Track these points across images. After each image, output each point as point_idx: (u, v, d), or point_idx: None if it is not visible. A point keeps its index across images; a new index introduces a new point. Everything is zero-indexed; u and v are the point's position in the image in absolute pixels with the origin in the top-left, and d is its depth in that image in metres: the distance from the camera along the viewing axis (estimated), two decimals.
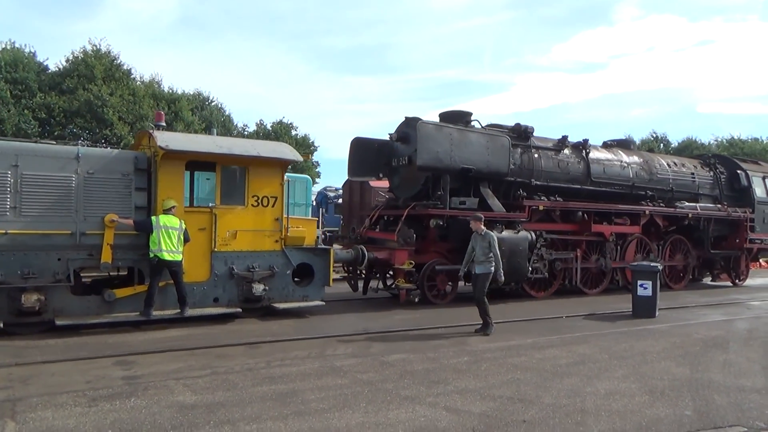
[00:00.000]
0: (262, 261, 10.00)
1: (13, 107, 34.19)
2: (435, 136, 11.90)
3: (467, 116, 13.21)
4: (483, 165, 12.46)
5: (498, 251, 9.32)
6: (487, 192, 12.81)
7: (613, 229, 14.58)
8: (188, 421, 5.01)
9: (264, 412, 5.28)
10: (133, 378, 6.30)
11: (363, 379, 6.44)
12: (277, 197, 10.21)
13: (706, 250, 16.76)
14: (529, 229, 12.92)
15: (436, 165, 11.91)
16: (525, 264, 12.42)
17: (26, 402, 5.43)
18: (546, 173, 13.93)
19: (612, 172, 15.17)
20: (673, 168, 16.80)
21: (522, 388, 6.21)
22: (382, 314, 10.86)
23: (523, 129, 13.85)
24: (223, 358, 7.26)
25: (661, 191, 16.09)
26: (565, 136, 14.67)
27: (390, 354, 7.66)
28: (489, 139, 12.73)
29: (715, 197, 17.54)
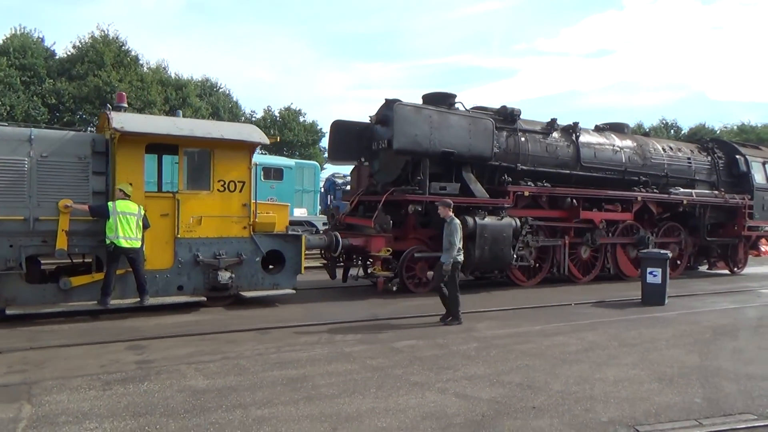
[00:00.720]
0: (229, 248, 9.67)
1: (23, 93, 34.30)
2: (413, 118, 11.41)
3: (451, 98, 12.69)
4: (464, 148, 11.98)
5: (456, 240, 8.82)
6: (470, 177, 12.36)
7: (603, 216, 14.19)
8: (200, 405, 5.08)
9: (275, 397, 5.33)
10: (146, 362, 6.38)
11: (372, 365, 6.48)
12: (245, 182, 9.82)
13: (702, 237, 16.37)
14: (515, 215, 12.54)
15: (414, 148, 11.47)
16: (509, 251, 12.12)
17: (41, 385, 5.52)
18: (533, 157, 13.45)
19: (603, 157, 14.66)
20: (669, 153, 16.26)
21: (531, 375, 6.23)
22: (389, 301, 10.90)
23: (509, 111, 13.33)
24: (234, 344, 7.33)
25: (656, 177, 15.58)
26: (554, 119, 14.10)
27: (399, 340, 7.70)
28: (471, 121, 12.22)
29: (713, 183, 17.04)
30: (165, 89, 38.50)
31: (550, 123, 14.03)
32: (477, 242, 11.54)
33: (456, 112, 12.38)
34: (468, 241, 11.26)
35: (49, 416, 4.76)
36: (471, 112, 12.89)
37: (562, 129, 14.24)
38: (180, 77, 40.48)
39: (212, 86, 44.24)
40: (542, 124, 14.02)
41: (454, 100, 12.71)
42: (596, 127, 15.53)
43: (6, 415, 4.77)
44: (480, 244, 11.60)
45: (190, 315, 9.10)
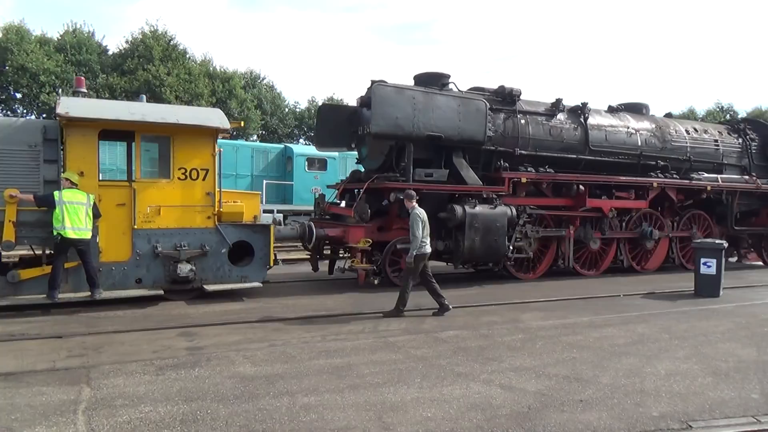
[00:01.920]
0: (191, 239, 9.22)
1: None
2: (394, 99, 10.64)
3: (444, 78, 11.96)
4: (453, 132, 11.16)
5: (418, 231, 8.51)
6: (461, 162, 11.60)
7: (612, 204, 13.17)
8: (249, 391, 5.21)
9: (321, 385, 5.42)
10: (197, 349, 6.57)
11: (417, 355, 6.50)
12: (208, 169, 9.32)
13: (730, 226, 15.13)
14: (512, 204, 11.70)
15: (395, 132, 10.75)
16: (503, 242, 11.30)
17: (99, 369, 5.76)
18: (535, 141, 12.61)
19: (616, 140, 13.68)
20: (693, 135, 15.13)
21: (578, 367, 6.13)
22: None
23: (508, 91, 12.47)
24: (280, 332, 7.47)
25: (677, 161, 14.54)
26: (559, 99, 13.15)
27: (443, 330, 7.69)
28: (461, 102, 11.35)
29: (744, 167, 15.85)
30: (212, 82, 39.32)
31: (555, 104, 13.14)
32: (467, 233, 10.83)
33: (445, 92, 11.57)
34: (457, 231, 10.96)
35: (107, 399, 4.97)
36: (463, 92, 12.13)
37: (569, 110, 13.38)
38: (225, 70, 41.24)
39: (255, 78, 44.93)
40: (546, 105, 13.17)
41: (448, 81, 12.00)
42: (609, 107, 14.51)
43: (68, 396, 5.00)
44: (470, 234, 10.86)
45: (238, 303, 9.32)
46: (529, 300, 10.01)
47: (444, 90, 11.72)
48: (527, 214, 12.13)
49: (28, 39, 35.09)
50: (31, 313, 8.19)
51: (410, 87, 11.22)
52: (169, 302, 9.17)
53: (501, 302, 9.77)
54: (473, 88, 12.83)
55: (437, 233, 11.06)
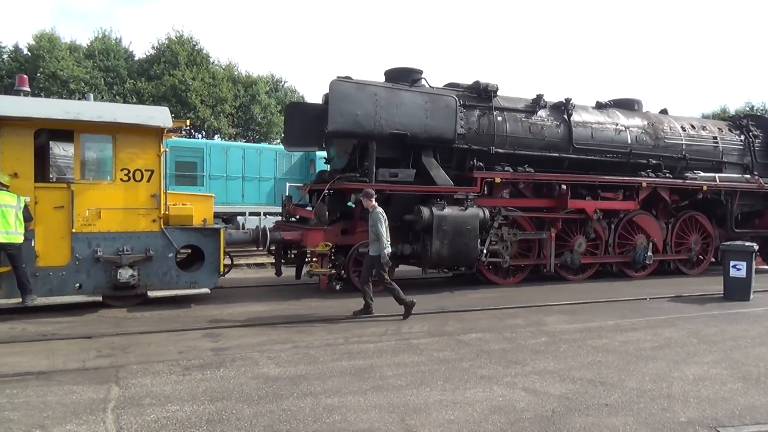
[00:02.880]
0: (136, 243, 8.87)
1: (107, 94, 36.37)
2: (353, 96, 10.17)
3: (415, 74, 11.43)
4: (420, 130, 10.66)
5: (382, 230, 8.37)
6: (431, 162, 11.04)
7: (597, 205, 12.46)
8: (273, 392, 5.26)
9: (344, 387, 5.44)
10: (221, 350, 6.66)
11: (439, 357, 6.49)
12: (153, 170, 8.97)
13: (729, 229, 14.24)
14: (486, 205, 11.20)
15: (355, 130, 10.25)
16: (475, 246, 10.69)
17: (127, 369, 5.87)
18: (513, 139, 12.00)
19: (603, 137, 12.97)
20: (689, 132, 14.30)
21: (604, 371, 6.05)
22: (458, 293, 10.85)
23: (483, 87, 11.93)
24: (304, 333, 7.52)
25: (671, 159, 13.73)
26: (540, 95, 12.56)
27: (466, 333, 7.66)
28: (429, 99, 10.83)
29: (746, 166, 14.95)
30: (235, 86, 39.83)
31: (536, 99, 12.54)
32: (434, 236, 10.30)
33: (411, 88, 11.00)
34: (425, 234, 10.51)
35: (135, 398, 5.06)
36: (434, 89, 11.54)
37: (551, 106, 12.76)
38: (250, 74, 41.75)
39: (278, 82, 45.37)
40: (527, 101, 12.59)
41: (419, 76, 11.50)
42: (598, 103, 13.78)
43: (97, 395, 5.11)
44: (438, 237, 10.32)
45: (262, 305, 9.40)
46: (553, 303, 9.92)
47: (415, 86, 11.21)
48: (502, 216, 11.56)
49: (59, 46, 35.98)
50: (61, 313, 8.37)
51: (372, 83, 10.71)
52: (198, 304, 9.30)
53: (524, 305, 9.69)
54: (449, 84, 12.33)
55: (404, 236, 10.77)
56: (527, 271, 12.22)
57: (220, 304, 9.47)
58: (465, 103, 11.56)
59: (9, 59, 36.32)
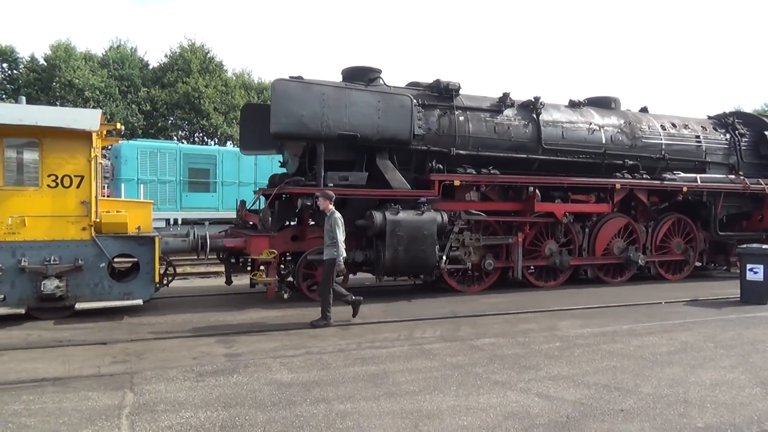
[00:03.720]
0: (64, 252, 8.39)
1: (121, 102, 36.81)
2: (298, 96, 9.73)
3: (372, 73, 10.99)
4: (372, 131, 10.14)
5: (339, 235, 8.15)
6: (386, 164, 10.56)
7: (567, 208, 11.93)
8: (286, 398, 5.27)
9: (357, 392, 5.44)
10: (235, 356, 6.69)
11: (452, 363, 6.46)
12: (83, 176, 8.52)
13: (713, 231, 13.70)
14: (448, 209, 10.75)
15: (300, 131, 9.82)
16: (432, 252, 10.18)
17: (142, 375, 5.91)
18: (477, 140, 11.46)
19: (575, 137, 12.37)
20: (669, 131, 13.68)
21: (619, 376, 5.99)
22: (470, 297, 10.80)
23: (444, 86, 11.40)
24: (316, 339, 7.53)
25: (649, 160, 13.17)
26: (506, 94, 11.98)
27: (479, 338, 7.63)
28: (381, 98, 10.31)
29: (731, 166, 14.28)
30: (248, 93, 40.14)
31: (502, 98, 11.97)
32: (388, 242, 9.80)
33: (362, 87, 10.54)
34: (378, 240, 10.09)
35: (149, 404, 5.10)
36: (391, 88, 11.02)
37: (520, 105, 12.22)
38: (262, 81, 42.06)
39: None
40: (492, 100, 12.04)
41: (376, 75, 11.05)
42: (571, 102, 13.18)
43: (112, 401, 5.16)
44: (392, 243, 9.82)
45: (275, 311, 9.41)
46: (567, 307, 9.85)
47: (372, 85, 10.77)
48: (463, 221, 11.01)
49: (74, 56, 36.48)
50: (78, 319, 8.45)
51: (320, 82, 10.25)
52: (213, 310, 9.34)
53: (538, 310, 9.63)
54: (411, 83, 11.86)
55: (358, 242, 10.37)
56: (493, 277, 11.59)
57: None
58: (424, 103, 11.10)
59: (26, 69, 36.91)
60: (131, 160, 19.66)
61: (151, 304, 9.68)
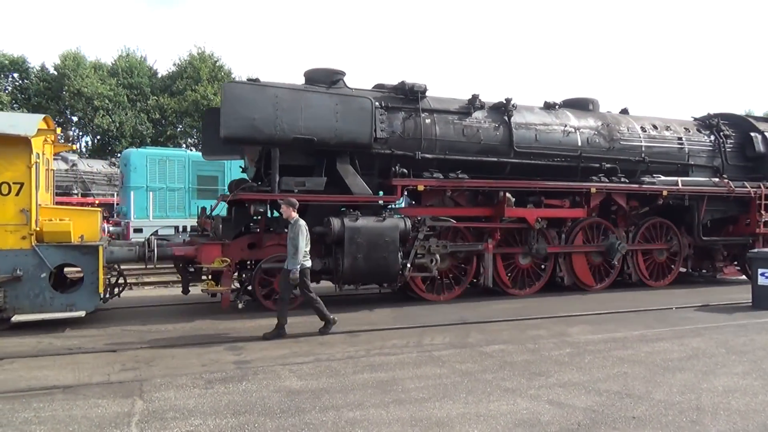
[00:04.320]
0: (2, 262, 8.13)
1: (130, 110, 37.09)
2: (250, 98, 9.43)
3: (335, 75, 10.72)
4: (329, 134, 9.77)
5: (302, 244, 7.84)
6: (347, 169, 10.20)
7: (539, 213, 11.57)
8: (295, 405, 5.26)
9: (366, 399, 5.42)
10: (244, 363, 6.68)
11: (462, 369, 6.43)
12: (23, 183, 8.25)
13: (696, 236, 13.21)
14: (414, 215, 10.51)
15: (252, 135, 9.50)
16: (395, 259, 9.82)
17: (151, 382, 5.92)
18: (444, 143, 11.06)
19: (549, 140, 11.95)
20: (650, 132, 13.21)
21: (630, 383, 5.94)
22: (480, 303, 10.75)
23: (409, 88, 11.01)
24: (325, 346, 7.52)
25: (628, 162, 12.70)
26: (476, 95, 11.59)
27: (488, 344, 7.59)
28: (340, 101, 9.99)
29: (716, 169, 13.78)
30: None
31: (471, 100, 11.58)
32: (346, 249, 9.51)
33: (320, 89, 10.25)
34: (337, 248, 9.76)
35: (159, 412, 5.10)
36: (353, 90, 10.76)
37: (490, 107, 11.81)
38: None
39: None
40: (461, 102, 11.64)
41: (339, 77, 10.77)
42: (546, 104, 12.72)
43: (122, 409, 5.17)
44: (351, 251, 9.52)
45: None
46: (576, 313, 9.79)
47: (333, 87, 10.50)
48: (428, 227, 10.62)
49: (83, 65, 36.84)
50: (87, 327, 8.49)
51: (274, 84, 10.01)
52: (220, 315, 9.33)
53: (547, 315, 9.58)
54: (377, 85, 11.53)
55: (317, 250, 9.89)
56: (464, 285, 11.30)
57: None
58: (388, 105, 10.72)
59: (37, 79, 37.30)
60: (140, 167, 19.80)
61: (157, 310, 9.75)
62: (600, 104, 13.60)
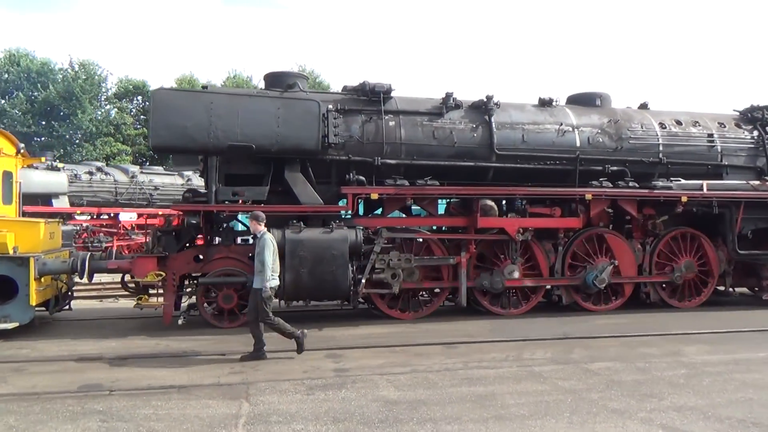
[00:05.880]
0: None
1: None
2: (181, 105, 9.07)
3: (291, 79, 10.38)
4: (269, 140, 9.24)
5: (268, 259, 7.24)
6: (296, 177, 9.66)
7: (521, 223, 10.31)
8: (393, 416, 5.27)
9: (464, 414, 5.34)
10: (343, 371, 6.82)
11: (565, 387, 6.17)
12: None
13: (731, 249, 11.20)
14: (367, 226, 9.78)
15: (184, 144, 9.17)
16: (344, 274, 9.11)
17: (256, 386, 6.19)
18: (411, 147, 10.22)
19: (539, 141, 10.73)
20: (670, 129, 11.48)
21: (756, 410, 5.42)
22: (582, 318, 10.28)
23: (370, 88, 10.27)
24: (422, 357, 7.50)
25: (641, 164, 11.16)
26: (449, 93, 10.66)
27: (593, 361, 7.23)
28: (282, 105, 9.45)
29: (760, 170, 11.79)
30: None
31: (445, 99, 10.61)
32: (287, 263, 8.82)
33: (258, 93, 9.80)
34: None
35: (263, 415, 5.32)
36: (306, 92, 10.31)
37: (469, 107, 10.80)
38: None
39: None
40: (435, 102, 10.70)
41: (294, 81, 10.36)
42: (540, 101, 11.40)
43: (230, 410, 5.44)
44: (293, 265, 8.89)
45: (380, 327, 9.50)
46: (690, 331, 9.08)
47: (289, 91, 10.09)
48: (384, 239, 9.77)
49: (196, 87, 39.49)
50: (199, 332, 9.02)
51: (210, 90, 9.71)
52: (323, 324, 9.57)
53: (658, 333, 8.96)
54: (344, 87, 10.85)
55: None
56: (437, 302, 10.46)
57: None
58: (344, 108, 10.12)
59: None
60: None
61: None
62: (612, 99, 12.09)
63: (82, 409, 5.47)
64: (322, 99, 10.06)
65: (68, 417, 5.28)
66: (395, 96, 10.62)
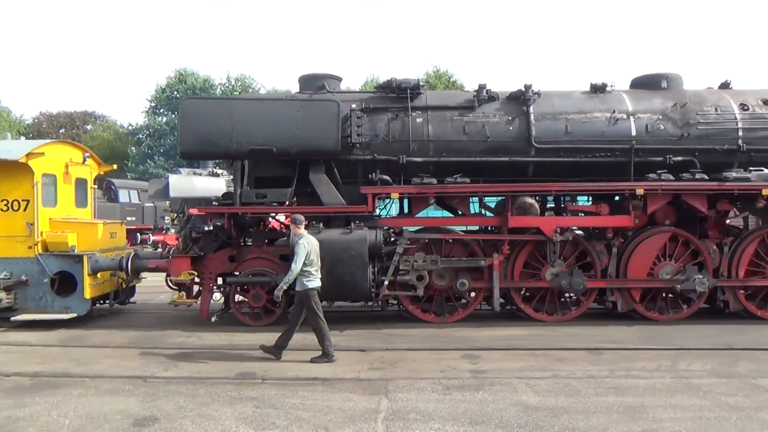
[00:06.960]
0: (14, 268, 9.55)
1: None
2: (206, 113, 9.45)
3: (320, 80, 10.26)
4: (289, 143, 9.26)
5: (295, 264, 7.20)
6: (320, 178, 9.57)
7: (559, 222, 9.47)
8: (533, 422, 5.13)
9: (611, 425, 5.04)
10: (480, 372, 6.75)
11: (728, 403, 5.57)
12: (29, 200, 9.66)
13: None
14: (391, 226, 9.57)
15: (209, 150, 9.76)
16: (363, 275, 8.86)
17: (395, 383, 6.34)
18: (439, 143, 9.67)
19: (586, 131, 9.65)
20: (754, 111, 9.74)
21: None
22: (750, 327, 9.18)
23: (397, 85, 9.88)
24: (563, 362, 7.19)
25: (714, 153, 9.60)
26: (482, 86, 9.92)
27: (763, 377, 6.44)
28: (301, 107, 9.44)
29: None
30: None
31: (477, 91, 9.92)
32: None
33: (278, 97, 9.92)
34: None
35: (402, 412, 5.44)
36: (327, 95, 10.02)
37: (506, 98, 9.99)
38: None
39: None
40: (468, 96, 10.09)
41: (322, 83, 10.20)
42: (592, 86, 10.24)
43: (370, 405, 5.64)
44: None
45: (519, 329, 9.25)
46: None
47: (318, 93, 10.07)
48: (407, 240, 9.39)
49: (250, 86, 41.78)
50: (342, 326, 9.38)
51: (234, 98, 9.59)
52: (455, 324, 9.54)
53: None
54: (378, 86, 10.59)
55: (275, 265, 9.61)
56: (472, 306, 9.80)
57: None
58: (369, 107, 9.85)
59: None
60: None
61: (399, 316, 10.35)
62: (683, 81, 10.56)
63: (238, 395, 5.99)
64: (346, 99, 10.06)
65: (227, 401, 5.81)
66: (426, 92, 10.36)
